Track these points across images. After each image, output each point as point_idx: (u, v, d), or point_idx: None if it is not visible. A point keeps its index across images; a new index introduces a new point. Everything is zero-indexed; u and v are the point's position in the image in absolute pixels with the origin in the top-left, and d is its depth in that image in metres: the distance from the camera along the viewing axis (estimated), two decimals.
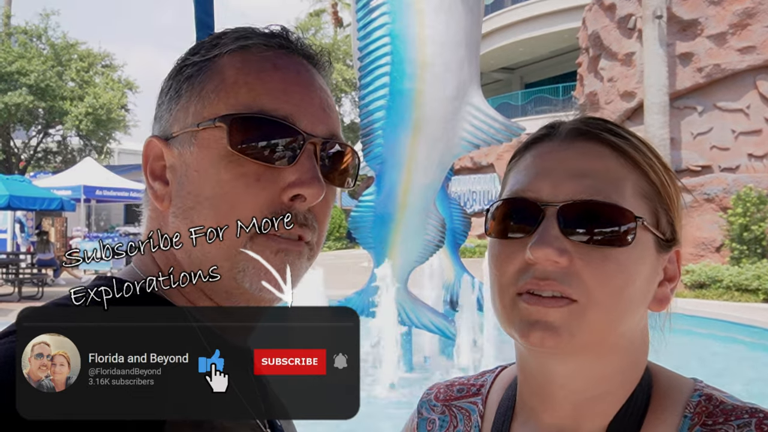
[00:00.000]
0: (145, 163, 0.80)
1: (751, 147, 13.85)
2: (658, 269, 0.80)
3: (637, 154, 0.79)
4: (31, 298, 14.07)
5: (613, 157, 0.78)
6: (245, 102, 0.75)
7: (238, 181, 0.74)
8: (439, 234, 6.92)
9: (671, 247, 0.82)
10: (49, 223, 21.77)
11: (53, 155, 35.53)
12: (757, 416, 0.73)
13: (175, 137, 0.78)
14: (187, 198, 0.76)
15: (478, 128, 6.66)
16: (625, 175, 0.78)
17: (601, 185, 0.76)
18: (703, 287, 12.71)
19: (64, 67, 30.96)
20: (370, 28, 6.55)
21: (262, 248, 0.74)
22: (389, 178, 6.84)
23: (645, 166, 0.79)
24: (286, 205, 0.75)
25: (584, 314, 0.74)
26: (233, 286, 0.76)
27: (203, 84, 0.78)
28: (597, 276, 0.74)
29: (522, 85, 36.15)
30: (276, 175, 0.75)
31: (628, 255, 0.75)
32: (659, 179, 0.80)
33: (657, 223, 0.80)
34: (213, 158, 0.75)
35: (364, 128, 6.79)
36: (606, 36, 16.56)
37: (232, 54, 0.79)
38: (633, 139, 0.81)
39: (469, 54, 6.59)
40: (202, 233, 0.72)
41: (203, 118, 0.76)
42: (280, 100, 0.76)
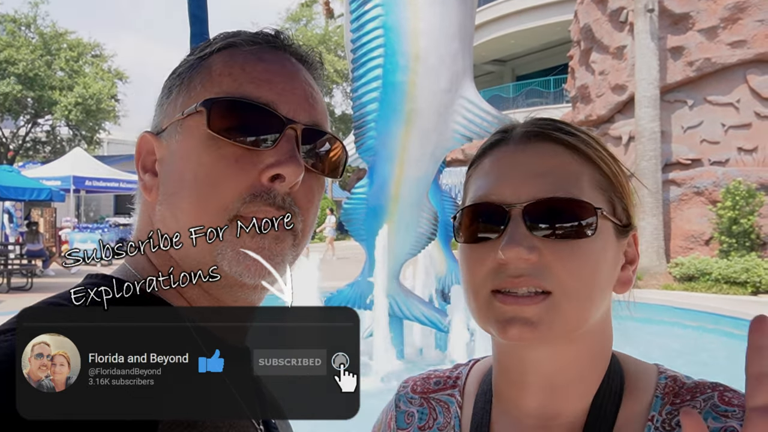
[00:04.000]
0: (137, 158, 0.82)
1: (740, 141, 13.91)
2: (619, 254, 0.85)
3: (589, 149, 0.83)
4: (20, 289, 14.01)
5: (567, 154, 0.82)
6: (228, 90, 0.77)
7: (219, 162, 0.74)
8: (431, 226, 6.93)
9: (628, 231, 0.86)
10: (39, 214, 21.62)
11: (42, 145, 35.27)
12: (717, 390, 0.80)
13: (164, 130, 0.80)
14: (171, 184, 0.77)
15: (470, 121, 6.66)
16: (581, 170, 0.82)
17: (560, 182, 0.80)
18: (693, 280, 12.80)
19: (53, 57, 30.70)
20: (364, 20, 6.53)
21: (239, 230, 0.74)
22: (382, 170, 6.83)
23: (597, 159, 0.83)
24: (265, 186, 0.75)
25: (559, 305, 0.77)
26: (212, 270, 0.75)
27: (192, 79, 0.80)
28: (567, 267, 0.78)
29: (513, 78, 36.15)
30: (255, 158, 0.75)
31: (593, 244, 0.79)
32: (611, 170, 0.84)
33: (614, 211, 0.84)
34: (195, 143, 0.76)
35: (357, 120, 6.77)
36: (598, 29, 16.56)
37: (221, 51, 0.82)
38: (583, 135, 0.85)
39: (462, 46, 6.58)
40: (189, 216, 0.74)
41: (187, 107, 0.79)
42: (263, 88, 0.77)
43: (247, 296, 0.80)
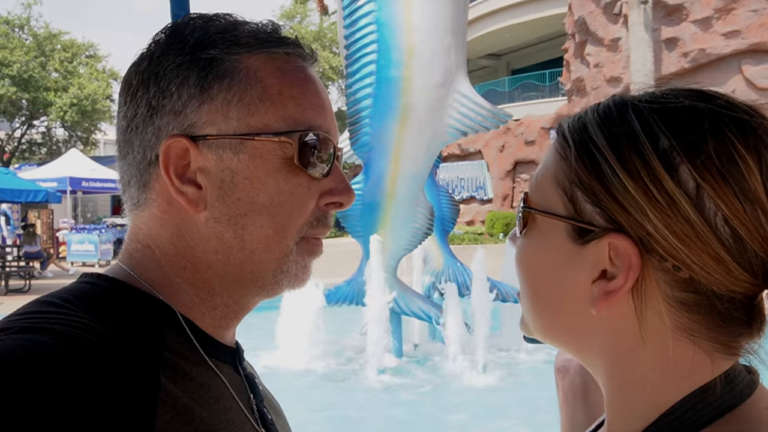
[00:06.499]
0: (166, 162, 0.77)
1: None
2: (579, 262, 0.68)
3: (565, 141, 0.71)
4: (18, 291, 14.00)
5: (554, 149, 0.73)
6: (294, 116, 0.79)
7: (296, 190, 0.79)
8: (427, 221, 6.94)
9: (599, 236, 0.66)
10: (35, 216, 21.59)
11: (38, 147, 35.20)
12: None
13: (211, 141, 0.77)
14: (237, 205, 0.77)
15: (465, 115, 6.66)
16: (551, 165, 0.72)
17: (533, 179, 0.76)
18: None
19: (47, 58, 30.61)
20: (357, 15, 6.53)
21: (302, 251, 0.82)
22: (377, 166, 6.84)
23: (566, 150, 0.70)
24: (323, 210, 0.82)
25: (524, 306, 0.76)
26: (270, 283, 0.81)
27: (242, 89, 0.77)
28: (516, 267, 0.76)
29: (508, 72, 36.12)
30: (318, 185, 0.81)
31: (527, 244, 0.74)
32: (582, 161, 0.67)
33: (575, 209, 0.68)
34: (269, 168, 0.77)
35: (351, 116, 6.77)
36: (592, 21, 16.57)
37: (264, 59, 0.80)
38: (574, 124, 0.72)
39: (455, 41, 6.58)
40: (262, 239, 0.78)
41: (251, 126, 0.77)
42: (321, 116, 0.82)
43: (263, 298, 0.85)
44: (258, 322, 3.75)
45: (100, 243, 19.53)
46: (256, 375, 0.92)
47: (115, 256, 19.79)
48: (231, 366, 0.84)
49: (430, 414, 5.97)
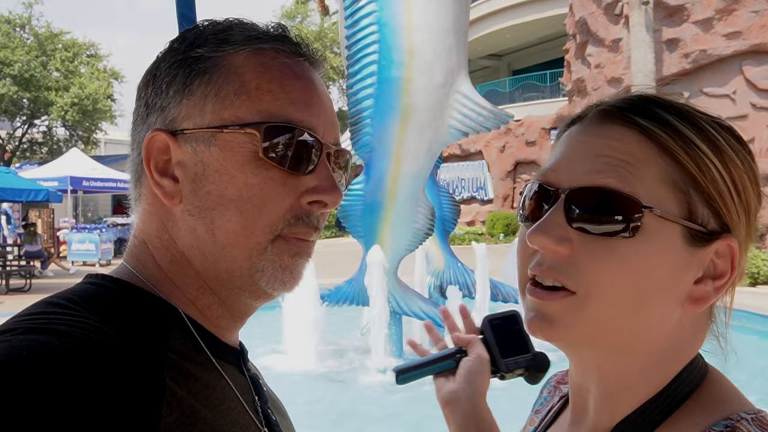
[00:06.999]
0: (147, 157, 0.78)
1: None
2: (690, 264, 0.71)
3: (670, 137, 0.70)
4: (19, 290, 14.00)
5: (635, 142, 0.71)
6: (270, 109, 0.77)
7: (266, 185, 0.76)
8: (428, 222, 6.93)
9: (712, 239, 0.71)
10: (36, 215, 21.60)
11: (39, 146, 35.19)
12: None
13: (188, 134, 0.78)
14: (207, 198, 0.77)
15: (466, 116, 6.66)
16: (649, 161, 0.70)
17: (615, 171, 0.70)
18: None
19: (48, 57, 30.61)
20: (358, 16, 6.52)
21: (281, 250, 0.78)
22: (378, 166, 6.84)
23: (677, 150, 0.70)
24: (305, 209, 0.79)
25: (583, 307, 0.70)
26: (248, 283, 0.79)
27: (220, 83, 0.77)
28: (598, 268, 0.69)
29: (509, 72, 36.10)
30: (298, 181, 0.78)
31: (635, 247, 0.69)
32: (696, 164, 0.70)
33: (689, 213, 0.70)
34: (238, 161, 0.76)
35: (353, 117, 6.77)
36: (593, 22, 16.57)
37: (248, 55, 0.79)
38: (674, 119, 0.72)
39: (457, 41, 6.57)
40: (230, 233, 0.76)
41: (224, 119, 0.76)
42: (305, 112, 0.79)
43: (261, 304, 0.83)
44: (258, 322, 3.75)
45: (101, 242, 19.54)
46: (260, 376, 0.92)
47: (115, 255, 19.82)
48: (236, 367, 0.84)
49: (431, 414, 5.96)
